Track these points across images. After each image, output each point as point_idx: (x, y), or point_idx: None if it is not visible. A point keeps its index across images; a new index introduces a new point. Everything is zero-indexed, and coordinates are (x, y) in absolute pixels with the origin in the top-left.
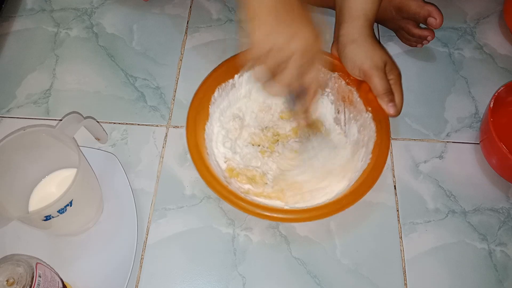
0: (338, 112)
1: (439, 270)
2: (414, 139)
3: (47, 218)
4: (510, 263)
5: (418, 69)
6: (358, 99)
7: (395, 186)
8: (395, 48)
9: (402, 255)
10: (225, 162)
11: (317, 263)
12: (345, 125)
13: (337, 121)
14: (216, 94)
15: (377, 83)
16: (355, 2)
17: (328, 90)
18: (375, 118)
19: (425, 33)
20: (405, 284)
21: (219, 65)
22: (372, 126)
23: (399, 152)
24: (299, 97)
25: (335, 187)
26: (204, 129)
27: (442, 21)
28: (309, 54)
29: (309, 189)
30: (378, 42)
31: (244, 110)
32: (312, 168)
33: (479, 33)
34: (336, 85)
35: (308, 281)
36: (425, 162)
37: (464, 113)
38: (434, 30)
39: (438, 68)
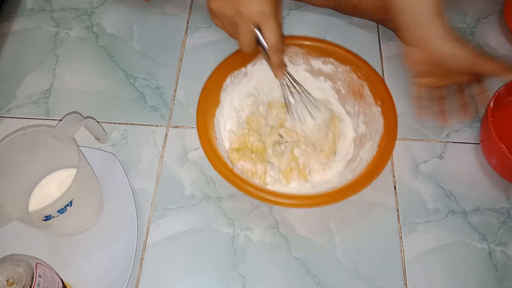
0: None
1: (439, 270)
2: (414, 139)
3: (47, 218)
4: (510, 263)
5: None
6: (369, 93)
7: (395, 186)
8: (395, 48)
9: (402, 255)
10: (228, 139)
11: (317, 263)
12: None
13: (349, 113)
14: (228, 81)
15: (493, 64)
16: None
17: (339, 83)
18: (384, 113)
19: None
20: (405, 284)
21: (232, 53)
22: (380, 120)
23: (399, 152)
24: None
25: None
26: (214, 114)
27: None
28: (256, 17)
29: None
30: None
31: (259, 88)
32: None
33: (479, 33)
34: (348, 78)
35: (308, 281)
36: (425, 162)
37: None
38: None
39: None
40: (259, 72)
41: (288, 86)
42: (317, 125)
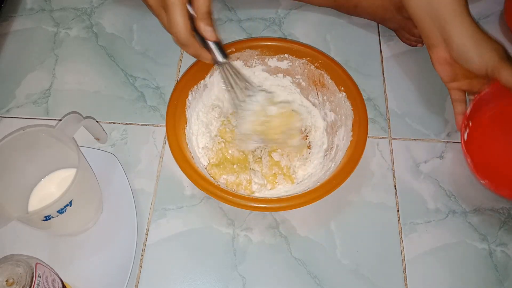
0: (308, 98)
1: (439, 270)
2: (415, 139)
3: (47, 218)
4: (511, 263)
5: (418, 68)
6: (330, 80)
7: (395, 186)
8: (395, 47)
9: (403, 255)
10: (205, 155)
11: (317, 263)
12: (322, 108)
13: (315, 104)
14: (190, 97)
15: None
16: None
17: (298, 76)
18: (349, 97)
19: None
20: (406, 284)
21: (188, 68)
22: (347, 105)
23: (400, 152)
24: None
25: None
26: (184, 134)
27: None
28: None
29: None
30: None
31: (221, 98)
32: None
33: None
34: (306, 70)
35: (308, 282)
36: (425, 162)
37: None
38: None
39: None
40: (218, 82)
41: (230, 76)
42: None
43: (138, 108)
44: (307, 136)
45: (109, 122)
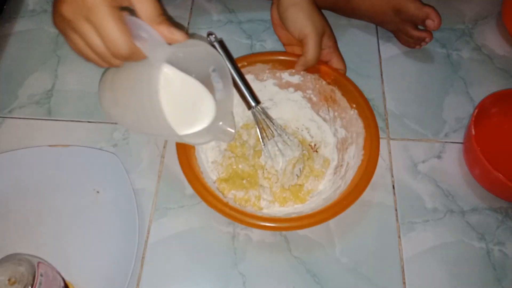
0: (318, 113)
1: (437, 269)
2: (413, 139)
3: None
4: (508, 262)
5: (416, 70)
6: (342, 97)
7: (393, 185)
8: (393, 49)
9: (401, 254)
10: (215, 170)
11: (317, 262)
12: (333, 124)
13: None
14: None
15: (311, 49)
16: None
17: (309, 91)
18: (361, 114)
19: (423, 34)
20: (404, 282)
21: None
22: (359, 122)
23: (398, 152)
24: None
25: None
26: (194, 147)
27: (440, 23)
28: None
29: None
30: (318, 8)
31: (233, 110)
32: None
33: (477, 34)
34: (317, 86)
35: (308, 280)
36: (423, 162)
37: (462, 113)
38: (432, 32)
39: (436, 69)
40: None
41: (261, 120)
42: (284, 165)
43: None
44: (317, 151)
45: (111, 123)
